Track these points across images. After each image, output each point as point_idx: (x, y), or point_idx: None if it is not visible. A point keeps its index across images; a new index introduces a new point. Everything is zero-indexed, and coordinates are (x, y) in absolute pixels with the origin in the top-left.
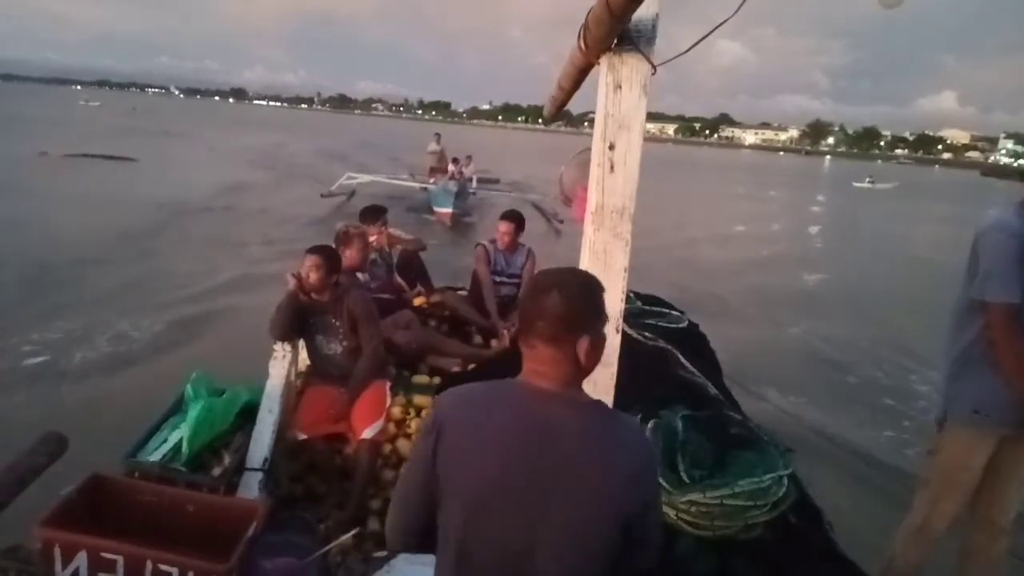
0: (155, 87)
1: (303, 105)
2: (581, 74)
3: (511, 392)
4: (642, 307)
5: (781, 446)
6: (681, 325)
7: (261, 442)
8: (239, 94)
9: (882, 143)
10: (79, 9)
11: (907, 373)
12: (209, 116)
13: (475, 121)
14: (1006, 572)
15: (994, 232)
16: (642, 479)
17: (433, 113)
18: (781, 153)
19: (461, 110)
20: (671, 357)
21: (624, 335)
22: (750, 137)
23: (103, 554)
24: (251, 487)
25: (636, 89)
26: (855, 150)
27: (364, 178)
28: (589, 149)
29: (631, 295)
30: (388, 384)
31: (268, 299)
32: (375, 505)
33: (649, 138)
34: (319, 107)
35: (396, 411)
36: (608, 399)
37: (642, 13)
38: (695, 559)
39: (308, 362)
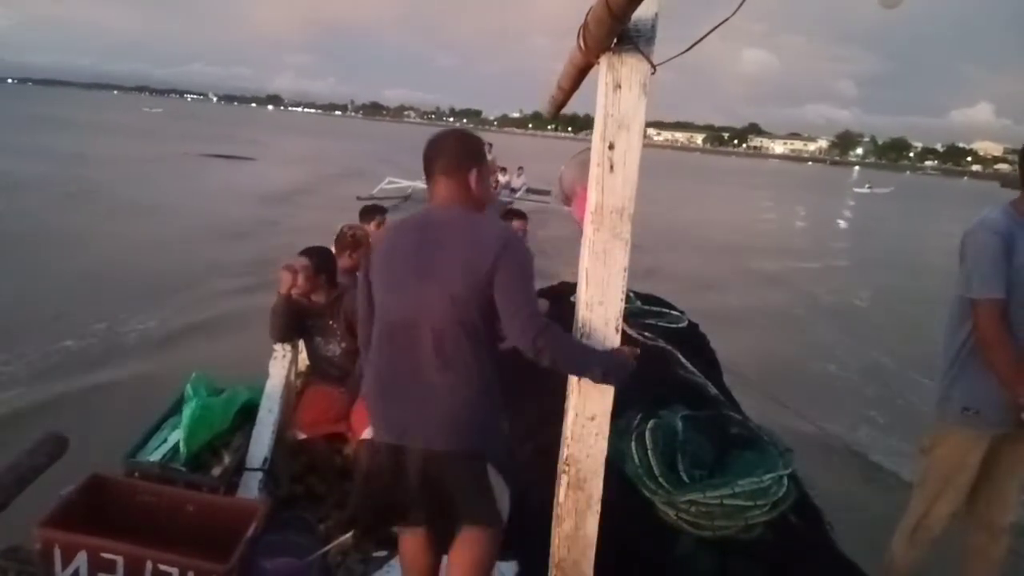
0: (193, 93)
1: (337, 112)
2: (581, 74)
3: (416, 213)
4: (642, 307)
5: (781, 446)
6: (681, 325)
7: (261, 442)
8: (275, 100)
9: (911, 154)
10: (108, 14)
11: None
12: (260, 122)
13: (506, 129)
14: (1007, 571)
15: (979, 230)
16: (494, 256)
17: (464, 121)
18: (809, 163)
19: (492, 118)
20: (671, 357)
21: (624, 335)
22: (779, 147)
23: (103, 554)
24: (251, 487)
25: (636, 89)
26: (883, 161)
27: (403, 183)
28: (589, 149)
29: (631, 295)
30: None
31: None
32: None
33: (678, 147)
34: (352, 114)
35: None
36: (608, 399)
37: (642, 13)
38: (695, 559)
39: (308, 362)
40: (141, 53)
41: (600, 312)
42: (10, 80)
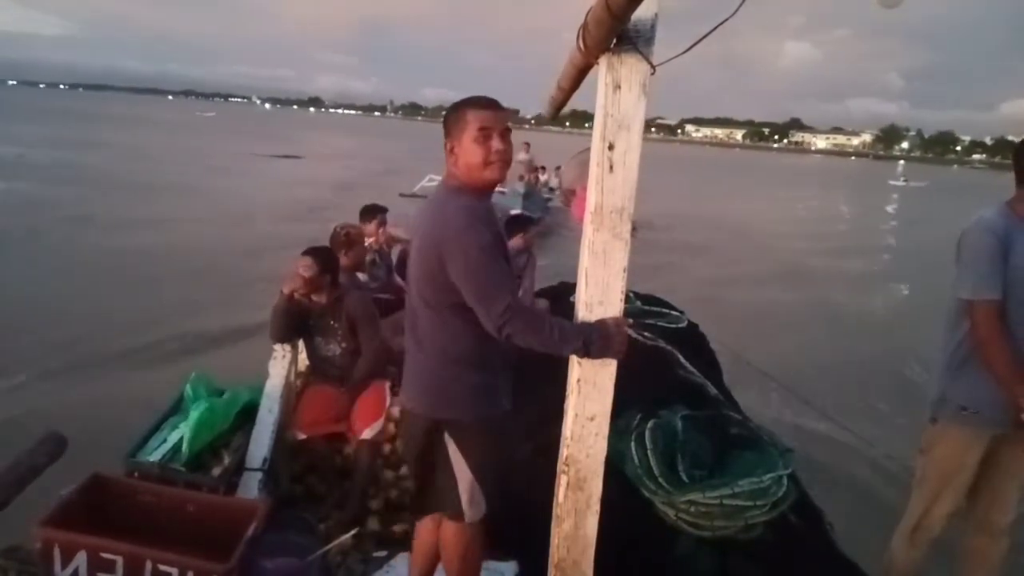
0: (237, 97)
1: (376, 113)
2: (580, 74)
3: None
4: (642, 307)
5: (781, 446)
6: (681, 325)
7: (261, 442)
8: (316, 103)
9: (958, 148)
10: (156, 17)
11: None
12: (306, 125)
13: (544, 128)
14: (1007, 572)
15: (975, 230)
16: (437, 254)
17: None
18: (852, 158)
19: (529, 116)
20: (671, 357)
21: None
22: (821, 142)
23: (103, 554)
24: (251, 487)
25: (635, 89)
26: (929, 155)
27: None
28: (588, 149)
29: (631, 295)
30: (388, 384)
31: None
32: (375, 505)
33: (716, 143)
34: (391, 115)
35: (396, 411)
36: (607, 399)
37: (641, 13)
38: (695, 559)
39: (308, 362)
40: (186, 56)
41: (600, 312)
42: (62, 86)
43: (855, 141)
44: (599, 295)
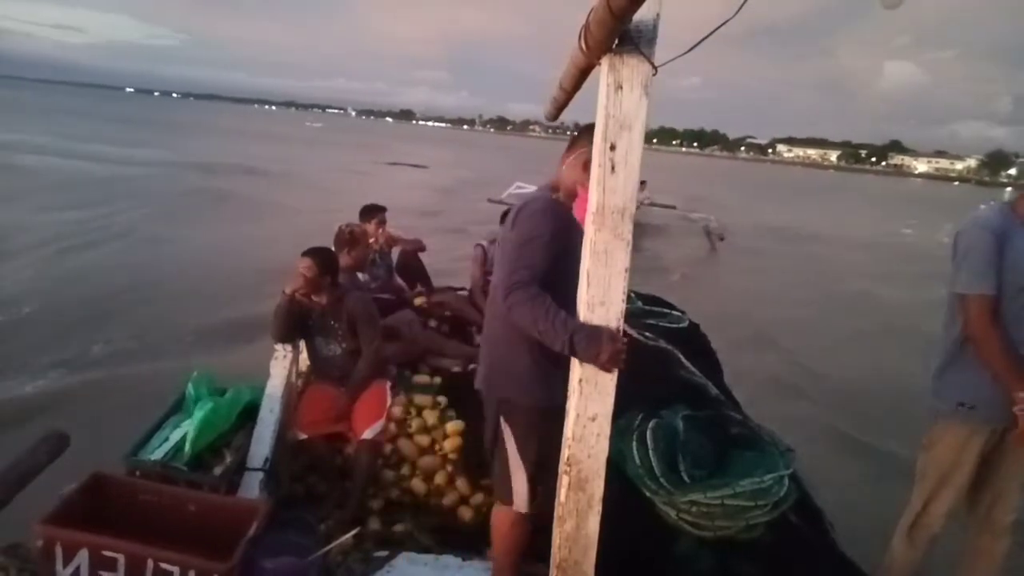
0: (334, 108)
1: (465, 126)
2: (582, 75)
3: None
4: (643, 307)
5: (782, 446)
6: (682, 325)
7: (262, 442)
8: (407, 115)
9: None
10: (261, 33)
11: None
12: (405, 136)
13: None
14: (1008, 569)
15: (972, 227)
16: (524, 213)
17: None
18: (955, 184)
19: None
20: (672, 357)
21: (624, 335)
22: (922, 166)
23: (104, 552)
24: (252, 487)
25: (637, 89)
26: None
27: (531, 188)
28: (589, 150)
29: (632, 295)
30: (389, 384)
31: None
32: (375, 505)
33: (809, 164)
34: (480, 128)
35: (397, 411)
36: (609, 399)
37: (643, 14)
38: (696, 559)
39: (308, 362)
40: (287, 69)
41: (601, 312)
42: (174, 95)
43: (959, 166)
44: (600, 295)
